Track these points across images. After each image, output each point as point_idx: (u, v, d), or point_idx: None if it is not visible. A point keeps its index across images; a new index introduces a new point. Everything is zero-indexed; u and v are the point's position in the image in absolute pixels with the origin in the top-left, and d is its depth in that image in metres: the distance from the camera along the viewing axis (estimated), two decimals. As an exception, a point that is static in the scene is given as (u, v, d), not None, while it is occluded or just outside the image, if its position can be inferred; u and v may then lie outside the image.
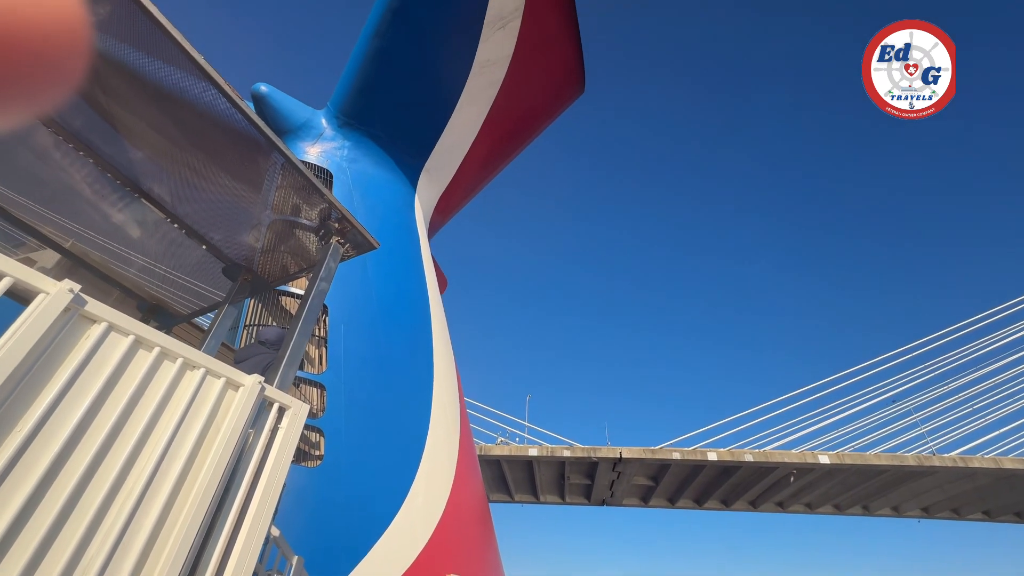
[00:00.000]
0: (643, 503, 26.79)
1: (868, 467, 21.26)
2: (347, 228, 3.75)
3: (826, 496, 24.88)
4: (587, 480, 24.04)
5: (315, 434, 6.88)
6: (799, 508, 26.08)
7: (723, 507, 26.49)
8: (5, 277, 1.94)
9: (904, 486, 22.97)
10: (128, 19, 2.96)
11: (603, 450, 21.68)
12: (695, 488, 24.83)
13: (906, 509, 25.84)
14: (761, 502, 25.61)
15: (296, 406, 2.82)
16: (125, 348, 2.23)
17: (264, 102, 9.00)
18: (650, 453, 21.57)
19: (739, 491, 24.76)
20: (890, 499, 24.73)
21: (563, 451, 21.94)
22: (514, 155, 11.87)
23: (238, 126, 3.53)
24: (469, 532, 7.81)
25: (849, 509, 25.98)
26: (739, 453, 21.60)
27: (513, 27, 8.97)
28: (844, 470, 21.61)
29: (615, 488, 24.44)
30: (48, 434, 1.96)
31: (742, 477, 23.34)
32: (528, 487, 25.47)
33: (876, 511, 25.95)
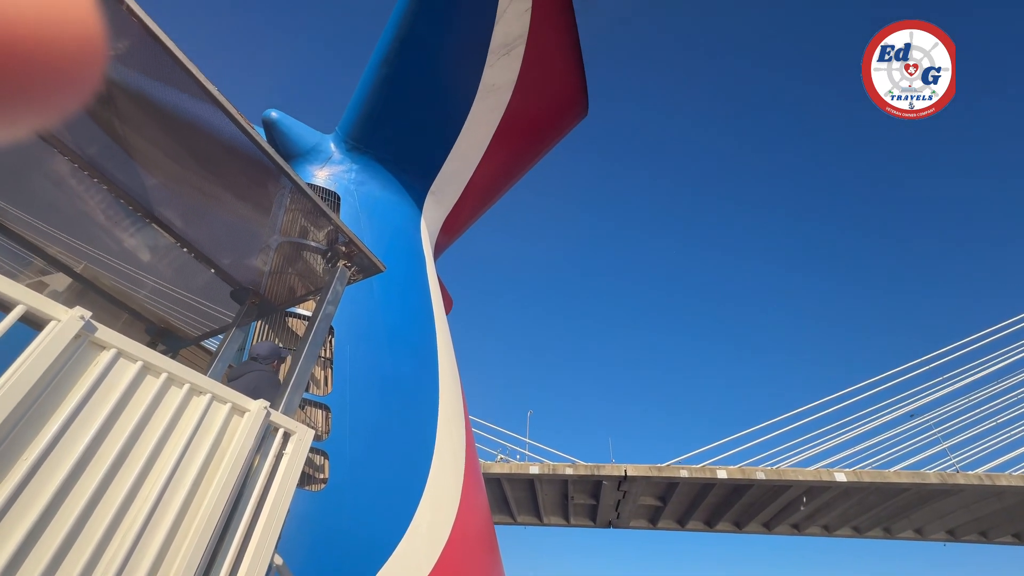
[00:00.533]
0: (651, 525, 25.31)
1: (888, 485, 19.92)
2: (354, 252, 3.79)
3: (844, 517, 23.33)
4: (592, 500, 22.96)
5: (320, 457, 6.82)
6: (816, 531, 24.52)
7: (735, 529, 24.89)
8: (18, 305, 1.97)
9: (927, 506, 21.52)
10: (144, 50, 3.05)
11: (607, 468, 20.68)
12: (705, 509, 23.52)
13: (930, 532, 24.11)
14: (776, 524, 24.08)
15: (301, 431, 2.81)
16: (133, 374, 2.25)
17: (275, 127, 9.19)
18: (656, 471, 20.52)
19: (752, 512, 23.34)
20: (913, 520, 23.21)
21: (565, 469, 20.93)
22: (518, 177, 12.00)
23: (248, 152, 3.60)
24: (475, 559, 7.64)
25: (869, 532, 24.37)
26: (750, 471, 20.54)
27: (517, 53, 9.16)
28: (862, 489, 20.30)
29: (621, 509, 23.28)
30: (55, 461, 1.96)
31: (754, 497, 22.06)
32: (531, 508, 24.29)
33: (898, 534, 24.28)
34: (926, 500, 21.00)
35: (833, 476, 19.87)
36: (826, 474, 20.10)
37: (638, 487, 21.34)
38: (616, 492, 21.70)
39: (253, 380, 3.47)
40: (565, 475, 20.77)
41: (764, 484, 20.62)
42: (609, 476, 20.51)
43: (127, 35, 2.98)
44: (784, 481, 20.28)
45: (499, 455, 22.79)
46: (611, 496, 22.17)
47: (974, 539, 23.97)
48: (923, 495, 20.71)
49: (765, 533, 24.89)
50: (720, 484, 20.83)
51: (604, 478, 20.62)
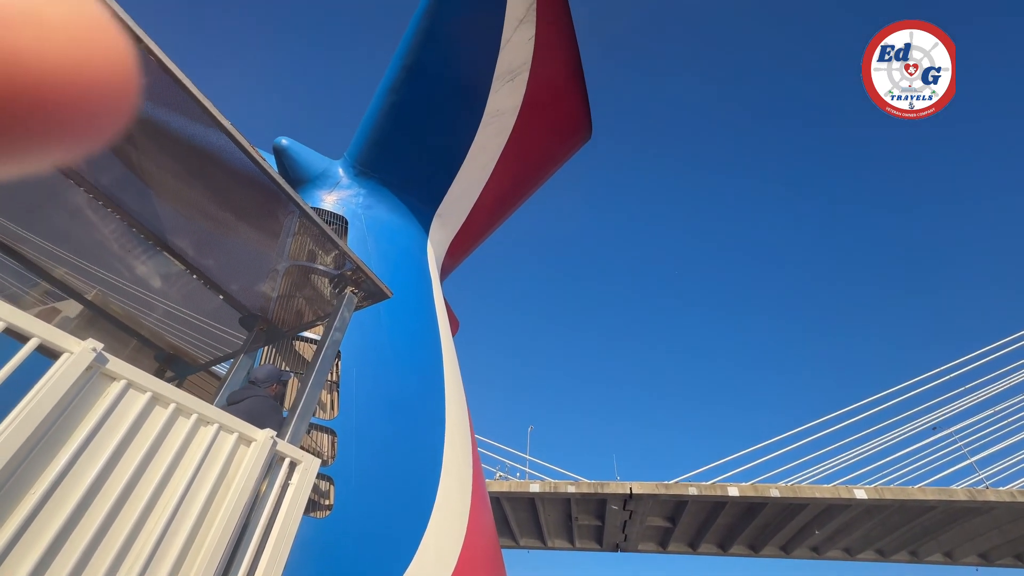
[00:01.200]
0: (661, 548, 23.82)
1: (912, 503, 18.46)
2: (361, 278, 3.83)
3: (867, 539, 21.76)
4: (597, 521, 21.75)
5: (325, 483, 6.76)
6: (837, 554, 22.84)
7: (751, 553, 23.29)
8: (33, 338, 2.00)
9: (956, 526, 19.98)
10: (160, 84, 3.16)
11: (611, 485, 19.68)
12: (717, 530, 22.11)
13: (961, 555, 22.21)
14: (794, 547, 22.51)
15: (307, 460, 2.80)
16: (142, 405, 2.27)
17: (285, 154, 9.39)
18: (664, 488, 19.43)
19: (767, 534, 21.90)
20: (941, 543, 21.52)
21: (567, 487, 19.95)
22: (523, 200, 12.12)
23: (258, 180, 3.69)
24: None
25: (894, 555, 22.63)
26: (764, 488, 19.29)
27: (521, 79, 9.37)
28: (885, 507, 18.89)
29: (628, 530, 22.03)
30: (63, 493, 1.97)
31: (769, 517, 20.75)
32: (534, 530, 23.05)
33: (926, 557, 22.47)
34: (955, 519, 19.56)
35: (853, 493, 18.59)
36: (845, 491, 18.80)
37: (645, 506, 20.29)
38: (622, 512, 20.65)
39: (252, 405, 3.47)
40: (567, 493, 19.87)
41: (779, 502, 19.38)
42: (613, 494, 19.59)
43: (145, 71, 3.10)
44: (800, 499, 18.94)
45: (498, 472, 21.88)
46: (617, 516, 21.12)
47: (1009, 563, 22.16)
48: (951, 514, 19.28)
49: (783, 557, 23.34)
50: (732, 503, 19.65)
51: (608, 496, 19.70)
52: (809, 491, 18.99)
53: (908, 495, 18.50)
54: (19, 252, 4.41)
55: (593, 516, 21.60)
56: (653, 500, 19.82)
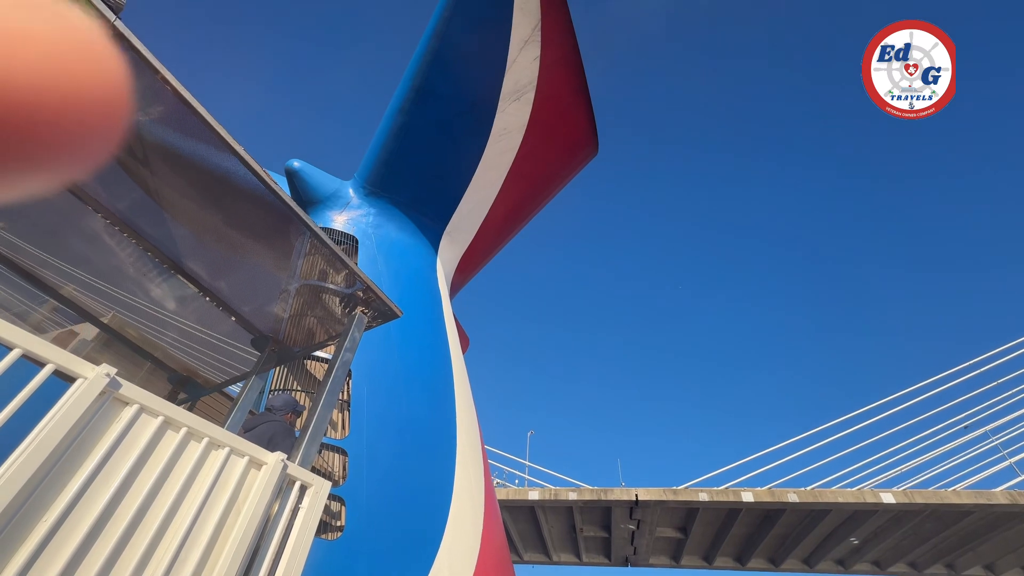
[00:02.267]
0: (674, 562, 22.29)
1: (945, 508, 16.70)
2: (371, 298, 3.84)
3: (898, 551, 19.96)
4: (603, 532, 20.42)
5: (336, 503, 6.71)
6: (865, 567, 21.03)
7: (771, 567, 21.65)
8: (48, 364, 2.03)
9: (996, 535, 18.06)
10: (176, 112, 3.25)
11: (616, 492, 18.21)
12: (733, 542, 20.55)
13: (1004, 568, 20.20)
14: (817, 560, 20.80)
15: (318, 484, 2.78)
16: (154, 429, 2.27)
17: (296, 176, 9.57)
18: (672, 494, 17.95)
19: (788, 546, 20.28)
20: (981, 555, 19.59)
21: (569, 493, 18.58)
22: (531, 216, 12.18)
23: (270, 201, 3.74)
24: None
25: (928, 569, 20.86)
26: (781, 493, 17.68)
27: (528, 98, 9.49)
28: (916, 512, 17.13)
29: (637, 542, 20.49)
30: (77, 518, 1.97)
31: (789, 526, 19.22)
32: (537, 543, 21.69)
33: (964, 571, 20.60)
34: (995, 527, 17.74)
35: (879, 498, 16.87)
36: (871, 495, 17.07)
37: (653, 514, 18.87)
38: (629, 521, 19.27)
39: (269, 430, 3.48)
40: (569, 501, 18.55)
41: (798, 509, 17.83)
42: (618, 501, 18.13)
43: (161, 100, 3.18)
44: (822, 504, 17.30)
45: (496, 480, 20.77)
46: (624, 526, 19.72)
47: (1060, 577, 20.20)
48: (990, 521, 17.50)
49: (806, 572, 21.71)
50: (747, 510, 18.17)
51: (613, 504, 18.29)
52: (831, 496, 17.40)
53: (941, 499, 16.73)
54: (39, 277, 4.51)
55: (599, 527, 20.39)
56: (661, 508, 18.40)
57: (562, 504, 18.58)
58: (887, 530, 18.45)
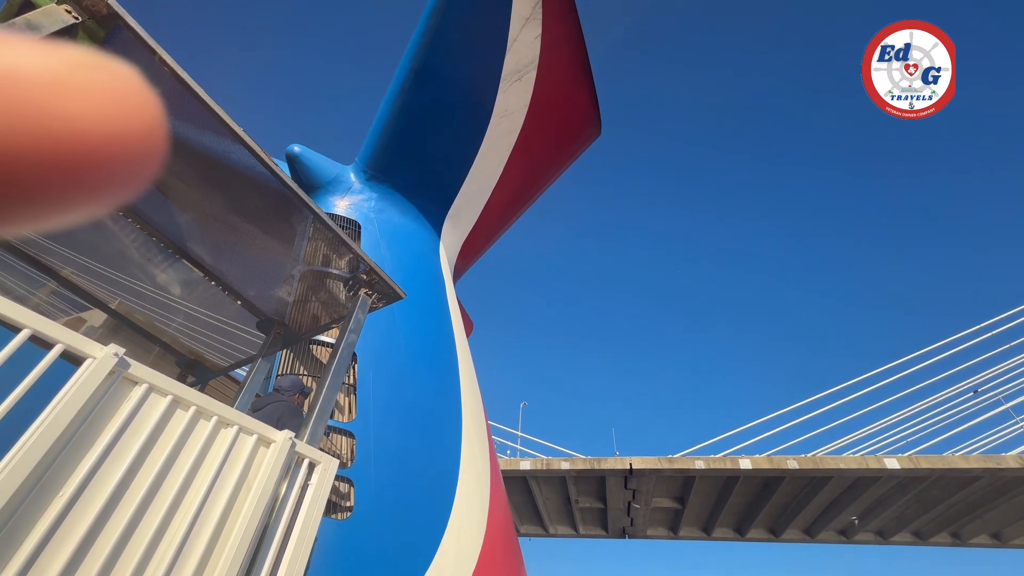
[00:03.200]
0: (672, 534, 21.77)
1: (953, 474, 16.05)
2: (375, 280, 3.85)
3: (902, 520, 19.36)
4: (599, 503, 19.98)
5: (345, 484, 6.82)
6: (868, 537, 20.53)
7: (771, 537, 21.17)
8: (57, 344, 2.05)
9: (1004, 502, 17.42)
10: (175, 96, 3.22)
11: (609, 461, 17.71)
12: (732, 512, 20.04)
13: (1011, 536, 19.60)
14: (818, 530, 20.20)
15: (326, 461, 2.83)
16: (164, 408, 2.31)
17: (297, 161, 9.51)
18: (667, 463, 17.36)
19: (788, 515, 19.71)
20: (988, 523, 18.90)
21: (561, 463, 18.05)
22: (534, 198, 12.11)
23: (272, 186, 3.74)
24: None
25: (934, 537, 20.17)
26: (780, 460, 17.03)
27: (529, 78, 9.35)
28: (921, 479, 16.46)
29: (634, 512, 20.04)
30: (89, 496, 2.01)
31: (789, 495, 18.59)
32: (533, 515, 21.25)
33: (970, 540, 19.96)
34: (1003, 493, 17.04)
35: (883, 463, 16.16)
36: (874, 461, 16.33)
37: (648, 484, 18.25)
38: (624, 491, 18.70)
39: (277, 410, 3.53)
40: (561, 471, 18.03)
41: (798, 476, 17.11)
42: (612, 470, 17.57)
43: (159, 82, 3.16)
44: (823, 471, 16.59)
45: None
46: (619, 497, 19.12)
47: (1072, 545, 19.68)
48: (998, 487, 16.77)
49: (807, 541, 21.09)
50: (745, 478, 17.47)
51: (607, 473, 17.72)
52: (832, 462, 16.72)
53: (948, 464, 15.99)
54: (44, 263, 4.54)
55: (594, 498, 19.86)
56: (657, 477, 17.81)
57: (555, 474, 18.20)
58: (891, 498, 17.82)
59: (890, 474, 16.22)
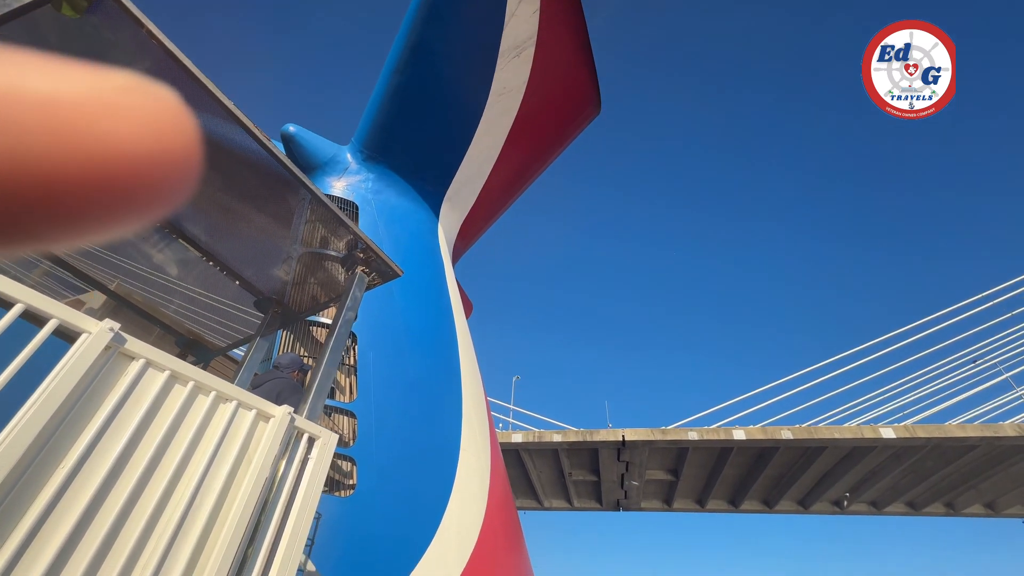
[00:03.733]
0: (666, 506, 21.74)
1: (949, 442, 15.85)
2: (371, 257, 3.84)
3: (896, 491, 19.30)
4: (593, 476, 19.91)
5: (347, 463, 6.91)
6: (862, 508, 20.61)
7: (765, 509, 21.15)
8: (51, 319, 2.05)
9: (1000, 472, 17.35)
10: (167, 72, 3.16)
11: (602, 433, 17.57)
12: (726, 484, 20.00)
13: (1004, 506, 19.56)
14: (812, 501, 20.22)
15: (325, 436, 2.85)
16: (161, 383, 2.31)
17: (293, 141, 9.41)
18: (660, 434, 17.22)
19: (782, 487, 19.63)
20: (982, 492, 18.94)
21: (553, 436, 17.98)
22: (533, 178, 12.00)
23: (268, 165, 3.69)
24: (504, 557, 7.63)
25: (927, 507, 20.18)
26: (774, 431, 16.82)
27: (527, 55, 9.18)
28: (917, 448, 16.27)
29: (627, 485, 20.02)
30: (89, 470, 2.03)
31: (783, 466, 18.54)
32: (527, 489, 21.34)
33: (963, 509, 19.95)
34: (999, 462, 16.98)
35: (879, 433, 15.92)
36: (870, 431, 16.08)
37: (641, 456, 18.14)
38: (617, 464, 18.62)
39: (277, 386, 3.55)
40: (553, 443, 17.97)
41: (793, 447, 16.93)
42: (605, 442, 17.46)
43: (149, 57, 3.09)
44: (817, 441, 16.40)
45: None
46: (612, 469, 19.04)
47: (1063, 513, 19.74)
48: (994, 456, 16.73)
49: (801, 512, 21.16)
50: (739, 449, 17.32)
51: (600, 445, 17.64)
52: (827, 432, 16.46)
53: (945, 433, 15.78)
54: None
55: (588, 471, 19.84)
56: (649, 448, 17.74)
57: (547, 447, 18.17)
58: (886, 468, 17.71)
59: (886, 443, 16.01)
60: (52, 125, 0.20)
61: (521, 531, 8.92)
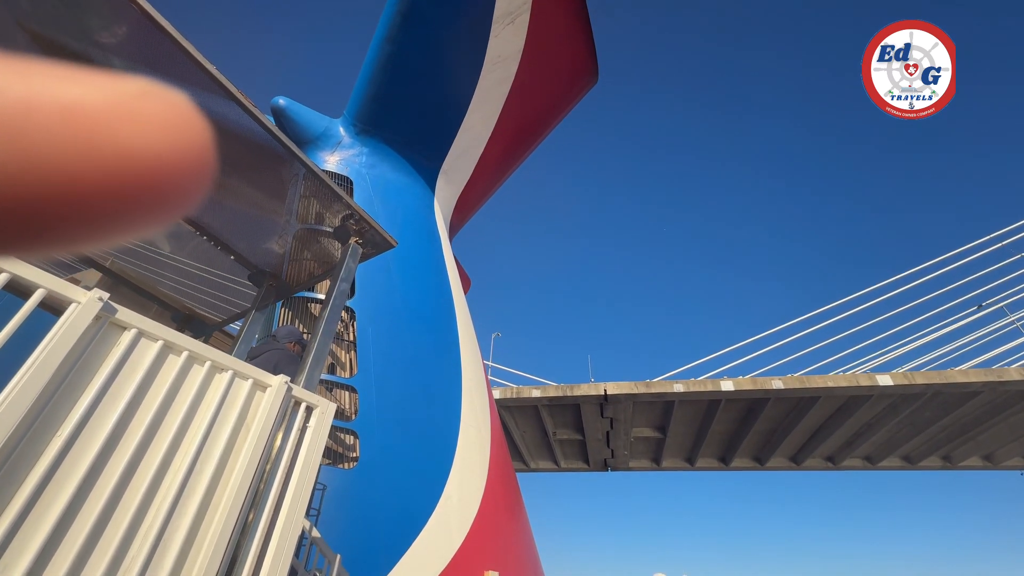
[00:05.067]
0: (655, 464, 20.90)
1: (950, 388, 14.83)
2: (365, 228, 3.79)
3: (891, 444, 18.38)
4: (578, 435, 19.08)
5: (350, 436, 6.99)
6: (856, 463, 19.77)
7: (756, 466, 20.34)
8: (39, 289, 2.02)
9: (1000, 421, 16.40)
10: (155, 44, 3.04)
11: (583, 388, 16.50)
12: (716, 441, 19.07)
13: (1003, 458, 18.61)
14: (804, 457, 19.54)
15: (323, 404, 2.86)
16: (155, 353, 2.30)
17: (283, 115, 9.21)
18: (644, 387, 16.13)
19: (774, 442, 18.69)
20: (980, 444, 17.99)
21: (532, 391, 16.84)
22: (530, 151, 11.81)
23: (260, 139, 3.61)
24: (505, 526, 7.81)
25: (923, 461, 19.38)
26: (764, 381, 15.77)
27: (522, 21, 8.92)
28: (915, 397, 15.41)
29: (614, 443, 19.19)
30: (86, 438, 2.03)
31: (774, 420, 17.52)
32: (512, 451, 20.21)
33: (961, 462, 19.17)
34: (1001, 411, 16.02)
35: (875, 380, 14.92)
36: (866, 379, 15.10)
37: (626, 412, 17.27)
38: (601, 420, 17.75)
39: (273, 357, 3.55)
40: (532, 399, 16.92)
41: (784, 398, 15.96)
42: (587, 397, 16.41)
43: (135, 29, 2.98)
44: (810, 390, 15.42)
45: None
46: (597, 427, 18.17)
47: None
48: (997, 405, 15.77)
49: (793, 469, 20.35)
50: (727, 402, 16.47)
51: (581, 400, 16.62)
52: (820, 381, 15.41)
53: (946, 379, 14.71)
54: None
55: (572, 430, 18.96)
56: (634, 403, 16.71)
57: (527, 403, 17.28)
58: (881, 421, 16.84)
59: (882, 391, 15.04)
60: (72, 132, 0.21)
61: (521, 500, 9.11)
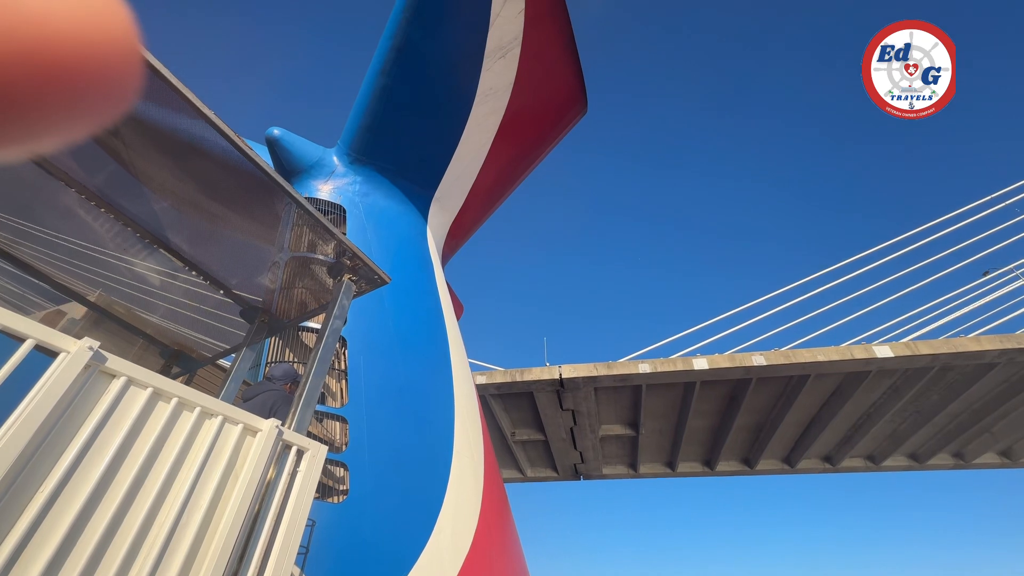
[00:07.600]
0: (632, 471, 17.82)
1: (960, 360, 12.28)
2: (358, 265, 3.80)
3: (895, 439, 15.98)
4: (539, 434, 16.02)
5: (339, 468, 6.87)
6: (857, 464, 17.36)
7: (745, 469, 17.62)
8: (28, 339, 2.00)
9: (1020, 404, 13.75)
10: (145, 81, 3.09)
11: (534, 372, 13.60)
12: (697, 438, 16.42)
13: (1022, 453, 15.93)
14: (798, 458, 16.86)
15: (314, 448, 2.82)
16: (144, 400, 2.28)
17: (277, 145, 9.30)
18: (605, 369, 13.37)
19: (762, 439, 16.01)
20: (996, 436, 15.31)
21: (477, 378, 13.72)
22: (521, 178, 11.99)
23: (250, 172, 3.64)
24: (499, 563, 7.63)
25: (932, 459, 16.68)
26: (743, 357, 13.05)
27: (513, 55, 9.17)
28: (921, 371, 12.85)
29: (581, 444, 16.03)
30: (70, 493, 1.99)
31: (759, 411, 14.96)
32: None
33: (974, 459, 16.46)
34: (1017, 391, 13.49)
35: (872, 352, 12.39)
36: (861, 351, 12.54)
37: (588, 402, 14.37)
38: (562, 414, 14.77)
39: (269, 399, 3.52)
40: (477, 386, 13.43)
41: (768, 378, 13.29)
42: (540, 382, 13.51)
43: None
44: (796, 365, 12.72)
45: None
46: (558, 423, 15.10)
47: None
48: (1013, 384, 13.26)
49: (787, 472, 17.64)
50: (704, 387, 13.98)
51: (534, 387, 13.72)
52: (808, 355, 12.76)
53: (954, 348, 12.10)
54: (17, 257, 4.42)
55: (532, 428, 15.94)
56: (595, 388, 13.96)
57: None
58: (882, 408, 14.53)
59: (881, 366, 12.57)
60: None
61: (515, 531, 8.94)
